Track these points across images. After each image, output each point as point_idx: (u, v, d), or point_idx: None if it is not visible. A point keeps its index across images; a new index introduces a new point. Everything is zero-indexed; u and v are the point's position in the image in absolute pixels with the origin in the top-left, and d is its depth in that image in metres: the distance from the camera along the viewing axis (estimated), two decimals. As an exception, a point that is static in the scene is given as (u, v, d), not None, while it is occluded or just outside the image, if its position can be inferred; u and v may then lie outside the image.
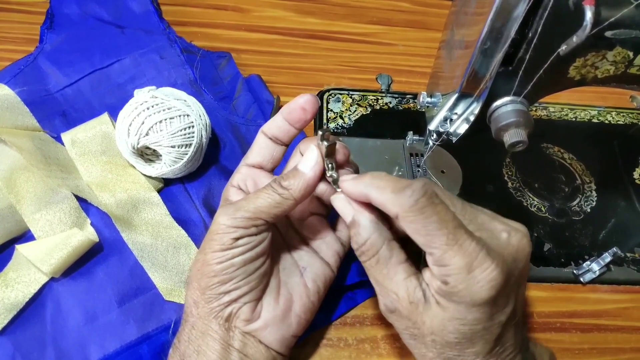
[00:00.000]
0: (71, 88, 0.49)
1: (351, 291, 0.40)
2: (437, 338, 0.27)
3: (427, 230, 0.26)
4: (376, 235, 0.28)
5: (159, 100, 0.41)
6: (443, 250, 0.25)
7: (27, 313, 0.36)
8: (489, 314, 0.26)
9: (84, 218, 0.41)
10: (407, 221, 0.26)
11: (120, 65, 0.50)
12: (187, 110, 0.41)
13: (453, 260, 0.25)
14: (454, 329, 0.27)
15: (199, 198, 0.44)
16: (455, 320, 0.26)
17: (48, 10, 0.54)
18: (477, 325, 0.27)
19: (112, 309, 0.37)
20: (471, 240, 0.26)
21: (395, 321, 0.29)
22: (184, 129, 0.41)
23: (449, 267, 0.25)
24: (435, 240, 0.26)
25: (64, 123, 0.46)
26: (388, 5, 0.65)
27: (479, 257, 0.25)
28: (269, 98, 0.50)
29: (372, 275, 0.29)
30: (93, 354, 0.35)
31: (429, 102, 0.40)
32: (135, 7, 0.56)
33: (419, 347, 0.29)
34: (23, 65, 0.49)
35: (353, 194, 0.29)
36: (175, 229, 0.41)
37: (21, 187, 0.40)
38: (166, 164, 0.41)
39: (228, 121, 0.49)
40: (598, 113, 0.56)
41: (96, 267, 0.39)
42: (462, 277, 0.25)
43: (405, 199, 0.26)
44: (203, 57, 0.53)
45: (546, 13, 0.28)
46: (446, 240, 0.25)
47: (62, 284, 0.38)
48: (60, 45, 0.51)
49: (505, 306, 0.27)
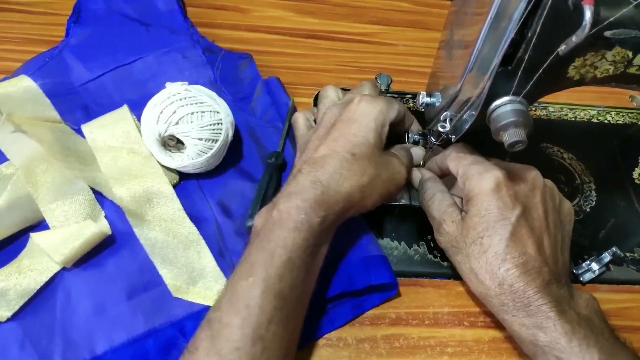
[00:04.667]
0: (94, 83, 0.49)
1: (359, 298, 0.40)
2: (467, 239, 0.37)
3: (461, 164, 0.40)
4: (433, 184, 0.42)
5: (192, 93, 0.42)
6: (467, 168, 0.39)
7: (38, 300, 0.37)
8: (497, 205, 0.36)
9: (99, 210, 0.41)
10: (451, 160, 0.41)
11: (143, 62, 0.51)
12: (217, 107, 0.43)
13: (470, 171, 0.38)
14: (473, 223, 0.37)
15: (212, 196, 0.44)
16: (475, 217, 0.37)
17: (75, 5, 0.54)
18: (491, 213, 0.36)
19: (121, 302, 0.38)
20: (484, 163, 0.38)
21: (443, 240, 0.39)
22: (213, 124, 0.42)
23: (469, 174, 0.38)
24: (462, 163, 0.39)
25: (85, 117, 0.47)
26: (388, 5, 0.65)
27: (487, 168, 0.37)
28: (286, 101, 0.50)
29: (430, 213, 0.41)
30: (99, 344, 0.36)
31: (429, 102, 0.40)
32: (161, 5, 0.56)
33: (456, 254, 0.38)
34: (48, 57, 0.49)
35: (433, 168, 0.44)
36: (187, 225, 0.41)
37: (39, 177, 0.41)
38: (189, 156, 0.42)
39: (246, 122, 0.49)
40: (598, 113, 0.56)
41: (107, 260, 0.39)
42: (476, 178, 0.37)
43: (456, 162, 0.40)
44: (224, 58, 0.53)
45: (545, 13, 0.29)
46: (469, 162, 0.39)
47: (73, 274, 0.38)
48: (85, 39, 0.51)
49: (512, 207, 0.36)
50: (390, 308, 0.41)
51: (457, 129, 0.38)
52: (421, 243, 0.44)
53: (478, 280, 0.37)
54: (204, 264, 0.40)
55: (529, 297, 0.34)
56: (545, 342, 0.34)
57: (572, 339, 0.33)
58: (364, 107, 0.39)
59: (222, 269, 0.40)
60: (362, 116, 0.38)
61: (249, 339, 0.30)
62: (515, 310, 0.35)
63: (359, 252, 0.41)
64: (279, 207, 0.34)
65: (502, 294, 0.35)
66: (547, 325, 0.34)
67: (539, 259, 0.36)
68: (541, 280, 0.35)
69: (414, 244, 0.44)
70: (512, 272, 0.35)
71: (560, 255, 0.38)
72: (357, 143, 0.37)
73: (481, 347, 0.39)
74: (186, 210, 0.42)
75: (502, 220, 0.36)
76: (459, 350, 0.39)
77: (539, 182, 0.39)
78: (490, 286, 0.36)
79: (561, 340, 0.33)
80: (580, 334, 0.33)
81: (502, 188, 0.37)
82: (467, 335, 0.40)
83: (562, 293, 0.35)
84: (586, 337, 0.33)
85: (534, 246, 0.36)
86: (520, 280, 0.35)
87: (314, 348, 0.38)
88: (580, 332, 0.33)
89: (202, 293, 0.38)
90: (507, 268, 0.35)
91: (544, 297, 0.34)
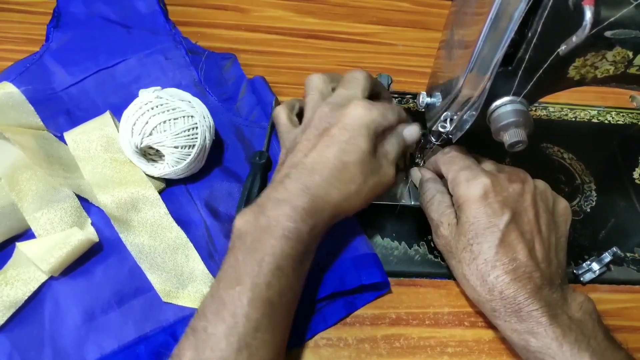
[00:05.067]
0: (76, 87, 0.49)
1: (351, 296, 0.40)
2: (459, 245, 0.37)
3: (451, 168, 0.40)
4: (433, 185, 0.42)
5: (164, 100, 0.41)
6: (456, 174, 0.39)
7: (26, 311, 0.36)
8: (485, 213, 0.36)
9: (85, 217, 0.41)
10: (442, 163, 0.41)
11: (126, 65, 0.50)
12: (191, 111, 0.41)
13: (459, 177, 0.38)
14: (464, 230, 0.37)
15: (200, 199, 0.44)
16: (465, 224, 0.37)
17: (55, 9, 0.53)
18: (479, 221, 0.36)
19: (111, 309, 0.37)
20: (473, 169, 0.39)
21: (440, 243, 0.40)
22: (187, 130, 0.41)
23: (457, 181, 0.38)
24: (452, 168, 0.40)
25: (68, 122, 0.46)
26: (388, 5, 0.65)
27: (475, 174, 0.38)
28: (272, 100, 0.50)
29: (428, 214, 0.41)
30: (90, 353, 0.35)
31: (429, 102, 0.40)
32: (142, 7, 0.56)
33: (451, 259, 0.39)
34: (29, 63, 0.49)
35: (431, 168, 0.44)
36: (174, 230, 0.41)
37: (23, 185, 0.40)
38: (169, 165, 0.41)
39: (231, 123, 0.49)
40: (598, 113, 0.56)
41: (96, 267, 0.39)
42: (464, 185, 0.38)
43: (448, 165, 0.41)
44: (208, 59, 0.53)
45: (546, 13, 0.29)
46: (459, 168, 0.39)
47: (61, 282, 0.38)
48: (66, 44, 0.51)
49: (500, 214, 0.36)
50: (391, 308, 0.41)
51: (457, 129, 0.38)
52: (421, 243, 0.44)
53: (470, 286, 0.37)
54: (193, 268, 0.39)
55: (520, 303, 0.34)
56: (537, 347, 0.34)
57: (563, 344, 0.33)
58: (359, 114, 0.37)
59: (211, 272, 0.39)
60: (356, 124, 0.36)
61: (235, 348, 0.29)
62: (507, 316, 0.35)
63: (350, 251, 0.41)
64: (268, 214, 0.33)
65: (493, 300, 0.36)
66: (538, 330, 0.34)
67: (530, 264, 0.35)
68: (532, 286, 0.35)
69: (415, 244, 0.44)
70: (502, 279, 0.35)
71: (554, 257, 0.37)
72: (349, 150, 0.36)
73: (481, 347, 0.39)
74: (174, 214, 0.42)
75: (490, 227, 0.36)
76: (459, 350, 0.39)
77: (529, 185, 0.38)
78: (481, 292, 0.36)
79: (552, 345, 0.33)
80: (571, 337, 0.33)
81: (490, 195, 0.37)
82: (468, 335, 0.40)
83: (555, 297, 0.35)
84: (577, 340, 0.33)
85: (525, 251, 0.36)
86: (511, 287, 0.35)
87: (314, 348, 0.38)
88: (571, 336, 0.33)
89: (192, 296, 0.38)
90: (497, 275, 0.35)
91: (535, 303, 0.34)
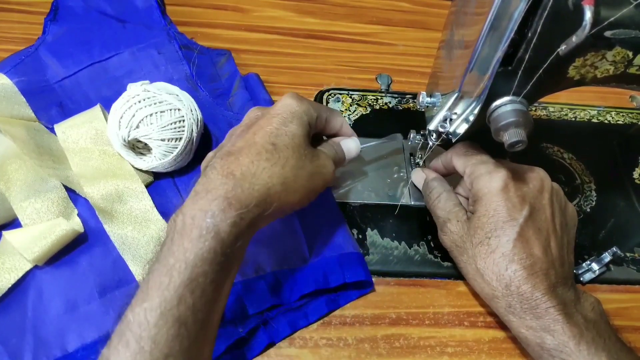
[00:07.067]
0: (69, 80, 0.49)
1: (334, 294, 0.40)
2: (474, 239, 0.37)
3: (469, 161, 0.40)
4: (439, 184, 0.42)
5: (151, 94, 0.41)
6: (475, 167, 0.39)
7: (9, 299, 0.37)
8: (505, 206, 0.36)
9: (72, 208, 0.41)
10: (457, 156, 0.41)
11: (119, 58, 0.51)
12: (179, 104, 0.42)
13: (479, 170, 0.38)
14: (481, 223, 0.37)
15: (187, 192, 0.43)
16: (483, 217, 0.37)
17: (53, 2, 0.54)
18: (499, 214, 0.36)
19: (93, 299, 0.38)
20: (492, 162, 0.39)
21: (447, 239, 0.40)
22: (174, 123, 0.41)
23: (477, 174, 0.38)
24: (470, 162, 0.40)
25: (60, 114, 0.47)
26: (388, 5, 0.65)
27: (495, 167, 0.38)
28: (265, 97, 0.50)
29: (435, 212, 0.41)
30: (71, 342, 0.36)
31: (429, 102, 0.40)
32: (139, 2, 0.56)
33: (461, 255, 0.38)
34: (24, 55, 0.50)
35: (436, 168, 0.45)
36: (158, 222, 0.41)
37: (12, 174, 0.40)
38: (156, 157, 0.42)
39: (223, 117, 0.49)
40: (598, 113, 0.56)
41: (80, 257, 0.39)
42: (485, 177, 0.38)
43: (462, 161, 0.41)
44: (201, 54, 0.53)
45: (545, 13, 0.28)
46: (476, 161, 0.39)
47: (45, 272, 0.38)
48: (61, 37, 0.51)
49: (520, 208, 0.36)
50: (391, 308, 0.41)
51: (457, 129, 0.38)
52: (421, 243, 0.44)
53: (484, 281, 0.37)
54: None
55: (537, 299, 0.34)
56: (553, 345, 0.33)
57: (581, 342, 0.33)
58: (289, 103, 0.35)
59: None
60: (286, 111, 0.34)
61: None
62: (522, 313, 0.35)
63: (335, 250, 0.41)
64: (183, 211, 0.29)
65: (509, 295, 0.35)
66: (554, 328, 0.33)
67: (546, 260, 0.35)
68: (548, 283, 0.35)
69: (414, 244, 0.44)
70: (519, 274, 0.35)
71: (566, 257, 0.38)
72: (279, 134, 0.33)
73: (481, 347, 0.39)
74: (161, 207, 0.42)
75: (510, 220, 0.36)
76: (459, 350, 0.39)
77: (547, 183, 0.38)
78: (497, 287, 0.36)
79: (569, 344, 0.33)
80: (588, 337, 0.33)
81: (511, 188, 0.37)
82: (468, 335, 0.40)
83: (569, 296, 0.35)
84: (594, 340, 0.33)
85: (541, 248, 0.36)
86: (528, 282, 0.35)
87: (314, 348, 0.38)
88: (588, 336, 0.33)
89: None
90: (515, 269, 0.35)
91: (552, 300, 0.34)
